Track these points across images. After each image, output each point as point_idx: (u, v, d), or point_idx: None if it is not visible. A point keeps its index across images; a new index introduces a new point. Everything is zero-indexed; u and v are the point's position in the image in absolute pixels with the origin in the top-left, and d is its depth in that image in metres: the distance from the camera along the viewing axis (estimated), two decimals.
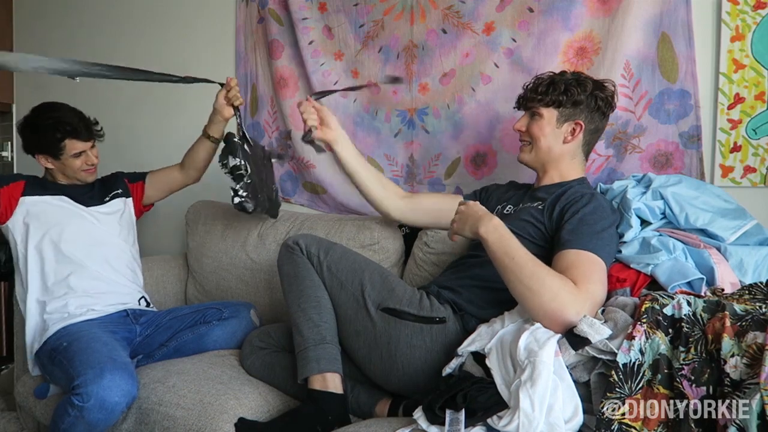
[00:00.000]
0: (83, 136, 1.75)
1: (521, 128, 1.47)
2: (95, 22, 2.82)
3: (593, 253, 1.19)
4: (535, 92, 1.43)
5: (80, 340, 1.49)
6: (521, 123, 1.47)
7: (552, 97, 1.40)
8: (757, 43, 1.45)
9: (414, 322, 1.31)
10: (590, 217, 1.26)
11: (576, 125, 1.41)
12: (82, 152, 1.76)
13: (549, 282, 1.10)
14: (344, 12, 2.03)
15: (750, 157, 1.48)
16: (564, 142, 1.42)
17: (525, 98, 1.47)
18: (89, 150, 1.79)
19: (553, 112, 1.41)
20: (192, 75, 2.49)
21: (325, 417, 1.27)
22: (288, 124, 2.18)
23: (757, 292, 1.08)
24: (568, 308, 1.07)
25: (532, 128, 1.44)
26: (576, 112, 1.41)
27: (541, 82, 1.43)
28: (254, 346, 1.56)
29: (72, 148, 1.74)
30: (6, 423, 1.85)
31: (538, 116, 1.43)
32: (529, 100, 1.45)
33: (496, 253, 1.17)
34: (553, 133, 1.42)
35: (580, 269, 1.15)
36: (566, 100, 1.39)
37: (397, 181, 2.00)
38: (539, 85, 1.43)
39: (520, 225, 1.36)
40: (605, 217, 1.29)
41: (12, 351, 1.91)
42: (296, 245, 1.42)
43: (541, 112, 1.42)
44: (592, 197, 1.32)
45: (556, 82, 1.41)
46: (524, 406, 0.95)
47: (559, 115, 1.41)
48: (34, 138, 1.74)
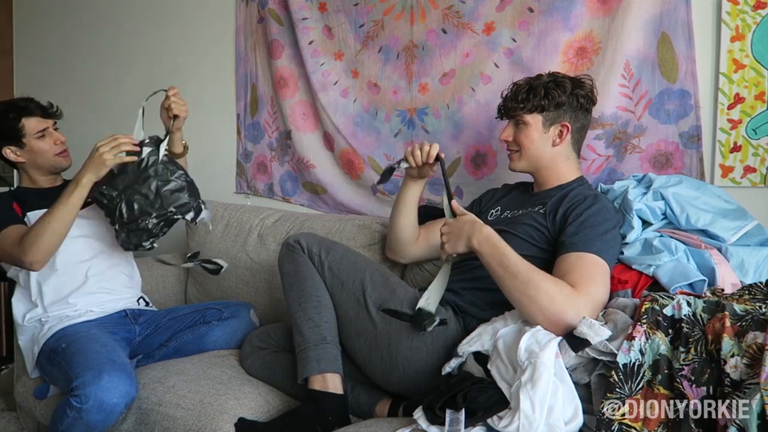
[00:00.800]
0: (37, 112, 1.70)
1: (508, 138, 1.45)
2: (95, 22, 2.82)
3: (596, 255, 1.19)
4: (516, 100, 1.41)
5: (79, 342, 1.49)
6: (507, 133, 1.45)
7: (534, 103, 1.39)
8: (757, 43, 1.45)
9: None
10: (594, 218, 1.26)
11: (563, 127, 1.40)
12: (45, 130, 1.70)
13: (545, 287, 1.10)
14: (344, 12, 2.03)
15: (750, 157, 1.48)
16: (553, 145, 1.41)
17: (506, 107, 1.46)
18: (52, 129, 1.73)
19: (537, 117, 1.40)
20: (191, 75, 2.51)
21: (325, 417, 1.27)
22: (288, 124, 2.18)
23: (756, 292, 1.08)
24: (567, 311, 1.07)
25: (518, 137, 1.43)
26: (560, 114, 1.40)
27: (519, 89, 1.42)
28: (254, 346, 1.56)
29: (32, 128, 1.68)
30: (6, 423, 1.85)
31: (522, 124, 1.42)
32: (510, 109, 1.43)
33: (491, 264, 1.17)
34: (541, 138, 1.41)
35: (581, 272, 1.15)
36: (549, 104, 1.39)
37: (397, 181, 2.00)
38: (518, 92, 1.41)
39: (523, 229, 1.36)
40: (609, 219, 1.29)
41: (12, 351, 1.91)
42: (297, 244, 1.42)
43: (525, 119, 1.41)
44: (596, 199, 1.32)
45: (535, 87, 1.40)
46: (524, 408, 0.95)
47: (543, 119, 1.40)
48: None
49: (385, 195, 2.04)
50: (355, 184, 2.10)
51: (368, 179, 2.05)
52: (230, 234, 2.05)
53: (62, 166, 1.76)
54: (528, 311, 1.11)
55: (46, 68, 3.02)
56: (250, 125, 2.32)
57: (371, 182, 2.05)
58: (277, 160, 2.27)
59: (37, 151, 1.70)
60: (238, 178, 2.41)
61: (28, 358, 1.63)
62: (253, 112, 2.30)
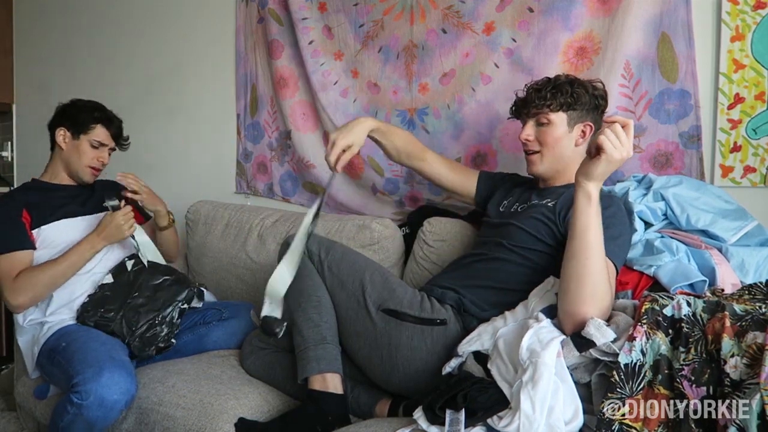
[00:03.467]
0: (112, 130, 1.77)
1: (529, 137, 1.41)
2: (95, 22, 2.82)
3: (607, 258, 1.16)
4: (542, 98, 1.37)
5: (78, 340, 1.49)
6: (528, 132, 1.41)
7: (560, 101, 1.36)
8: (757, 43, 1.45)
9: (414, 323, 1.31)
10: (608, 221, 1.21)
11: (585, 126, 1.39)
12: (101, 145, 1.74)
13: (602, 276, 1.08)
14: (344, 12, 2.03)
15: (750, 157, 1.48)
16: (576, 145, 1.39)
17: (528, 106, 1.41)
18: (107, 149, 1.77)
19: (562, 116, 1.37)
20: (191, 75, 2.51)
21: (325, 417, 1.27)
22: (288, 124, 2.18)
23: (756, 292, 1.08)
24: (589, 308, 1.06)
25: (543, 137, 1.39)
26: (584, 114, 1.38)
27: (543, 87, 1.39)
28: (254, 346, 1.56)
29: (96, 135, 1.73)
30: (6, 423, 1.85)
31: (547, 123, 1.38)
32: (534, 107, 1.39)
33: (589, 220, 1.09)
34: (566, 137, 1.38)
35: None
36: (575, 102, 1.36)
37: (397, 181, 2.00)
38: (541, 90, 1.38)
39: (531, 223, 1.35)
40: (623, 223, 1.27)
41: (12, 351, 1.91)
42: None
43: (550, 118, 1.38)
44: (611, 200, 1.30)
45: (559, 86, 1.37)
46: (525, 407, 0.95)
47: (568, 118, 1.38)
48: (71, 110, 1.74)
49: (385, 195, 2.04)
50: (355, 184, 2.10)
51: (368, 179, 2.05)
52: (230, 234, 2.05)
53: (85, 179, 1.76)
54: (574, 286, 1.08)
55: (46, 68, 3.03)
56: (250, 125, 2.32)
57: (371, 182, 2.05)
58: (277, 160, 2.27)
59: (80, 151, 1.73)
60: (238, 178, 2.41)
61: (28, 359, 1.63)
62: (253, 112, 2.30)
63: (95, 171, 1.77)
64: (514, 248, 1.35)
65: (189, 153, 2.56)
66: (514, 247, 1.35)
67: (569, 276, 1.09)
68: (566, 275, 1.10)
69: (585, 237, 1.09)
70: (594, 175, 1.08)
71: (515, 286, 1.32)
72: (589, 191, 1.09)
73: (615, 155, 1.04)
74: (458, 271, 1.44)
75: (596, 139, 1.05)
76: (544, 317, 1.11)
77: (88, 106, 1.77)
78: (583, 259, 1.08)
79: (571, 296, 1.07)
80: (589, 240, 1.08)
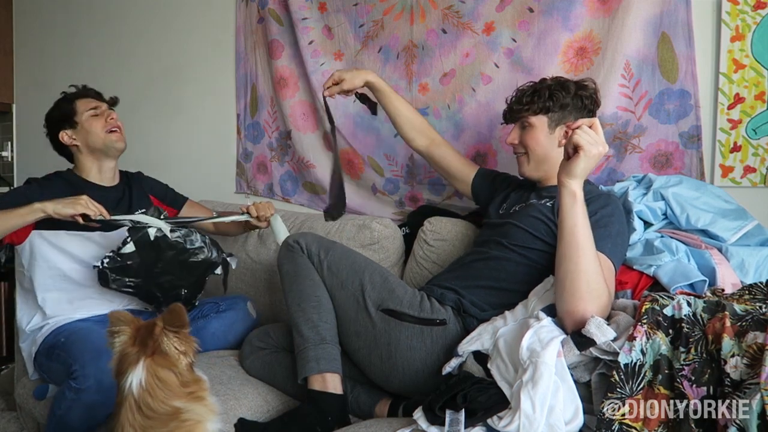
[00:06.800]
0: (92, 94, 1.73)
1: (514, 141, 1.47)
2: (95, 21, 2.82)
3: (606, 255, 1.18)
4: (521, 103, 1.44)
5: (78, 333, 1.49)
6: (513, 135, 1.48)
7: (539, 105, 1.41)
8: (757, 43, 1.45)
9: (414, 323, 1.31)
10: (607, 219, 1.25)
11: (568, 128, 1.40)
12: (97, 108, 1.70)
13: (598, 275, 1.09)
14: (344, 12, 2.03)
15: (750, 157, 1.48)
16: (559, 146, 1.41)
17: (511, 111, 1.49)
18: (106, 109, 1.73)
19: (542, 119, 1.42)
20: (191, 75, 2.51)
21: (324, 417, 1.27)
22: (288, 124, 2.18)
23: (757, 292, 1.08)
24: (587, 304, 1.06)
25: (525, 139, 1.45)
26: (565, 115, 1.41)
27: (524, 93, 1.45)
28: (254, 346, 1.56)
29: (84, 107, 1.69)
30: (6, 423, 1.85)
31: (529, 126, 1.44)
32: (516, 112, 1.46)
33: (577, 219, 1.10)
34: (547, 139, 1.42)
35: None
36: (553, 105, 1.41)
37: (397, 181, 2.00)
38: (523, 96, 1.44)
39: (530, 222, 1.36)
40: (621, 222, 1.29)
41: (12, 351, 1.91)
42: (296, 244, 1.42)
43: (531, 121, 1.43)
44: (609, 198, 1.32)
45: (539, 90, 1.42)
46: (525, 407, 0.95)
47: (549, 120, 1.42)
48: (52, 115, 1.71)
49: (385, 195, 2.04)
50: (355, 184, 2.10)
51: (368, 179, 2.05)
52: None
53: (115, 146, 1.69)
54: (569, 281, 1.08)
55: (46, 68, 3.02)
56: (250, 125, 2.32)
57: (371, 182, 2.05)
58: (277, 160, 2.27)
59: (88, 129, 1.67)
60: (238, 178, 2.41)
61: (29, 360, 1.63)
62: (253, 112, 2.30)
63: (116, 133, 1.70)
64: (513, 247, 1.36)
65: (189, 153, 2.56)
66: (514, 246, 1.36)
67: (563, 275, 1.10)
68: (560, 275, 1.11)
69: (574, 235, 1.10)
70: (575, 173, 1.11)
71: (515, 285, 1.32)
72: (573, 189, 1.11)
73: (593, 150, 1.09)
74: (458, 271, 1.44)
75: (571, 140, 1.10)
76: (545, 316, 1.11)
77: (57, 103, 1.73)
78: (575, 257, 1.09)
79: (568, 294, 1.08)
80: (578, 238, 1.10)
